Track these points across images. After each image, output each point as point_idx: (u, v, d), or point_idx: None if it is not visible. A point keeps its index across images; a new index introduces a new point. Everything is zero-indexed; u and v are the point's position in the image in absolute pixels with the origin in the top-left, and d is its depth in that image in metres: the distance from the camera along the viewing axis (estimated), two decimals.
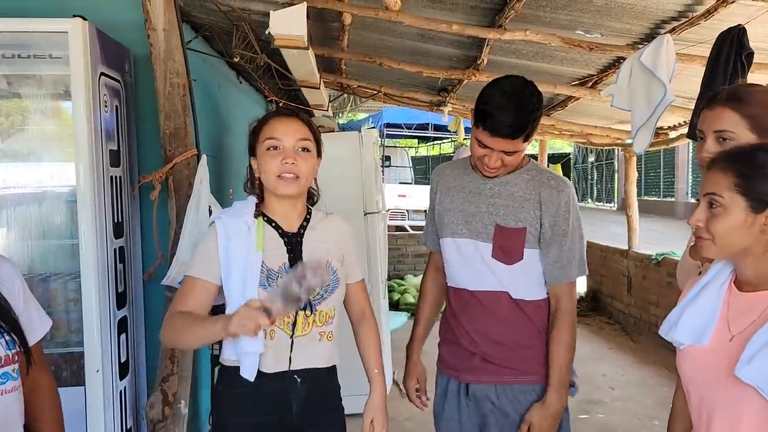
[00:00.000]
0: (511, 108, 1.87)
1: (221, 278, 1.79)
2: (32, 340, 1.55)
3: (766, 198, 1.30)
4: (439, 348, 2.25)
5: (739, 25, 2.63)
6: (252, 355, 1.75)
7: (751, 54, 2.57)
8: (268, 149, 1.79)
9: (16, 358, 1.47)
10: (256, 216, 1.84)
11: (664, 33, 3.25)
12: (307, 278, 1.54)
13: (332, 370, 1.92)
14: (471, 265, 2.09)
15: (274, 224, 1.86)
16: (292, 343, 1.79)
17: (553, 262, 2.06)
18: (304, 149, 1.81)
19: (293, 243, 1.85)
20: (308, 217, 1.91)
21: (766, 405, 1.26)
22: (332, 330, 1.86)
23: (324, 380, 1.88)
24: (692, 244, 1.81)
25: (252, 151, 1.87)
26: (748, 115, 1.58)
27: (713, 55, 2.65)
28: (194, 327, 1.71)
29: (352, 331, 2.03)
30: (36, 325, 1.59)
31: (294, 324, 1.79)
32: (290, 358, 1.79)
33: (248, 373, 1.76)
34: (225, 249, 1.79)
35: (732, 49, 2.55)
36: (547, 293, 2.11)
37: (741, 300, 1.38)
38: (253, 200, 1.89)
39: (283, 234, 1.85)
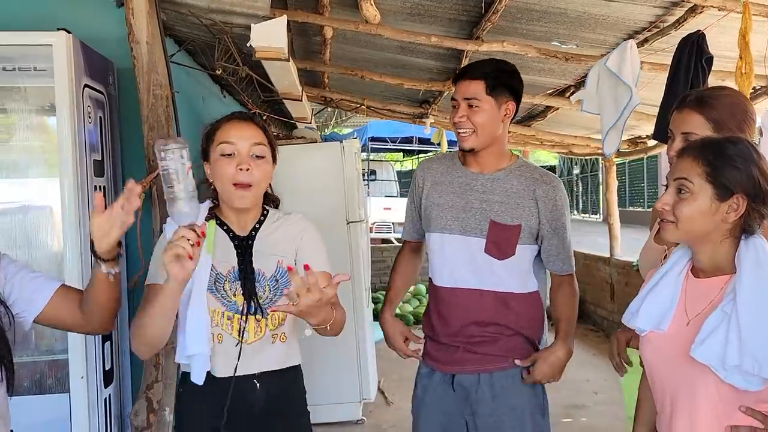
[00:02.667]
0: (475, 63, 2.16)
1: None
2: (36, 309, 1.53)
3: (732, 187, 1.36)
4: (424, 341, 2.29)
5: (699, 30, 2.73)
6: (199, 358, 1.70)
7: (710, 58, 2.66)
8: (223, 155, 1.72)
9: None
10: (207, 219, 1.77)
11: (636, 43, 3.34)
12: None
13: (290, 371, 1.85)
14: (457, 261, 2.13)
15: (225, 227, 1.80)
16: (241, 349, 1.73)
17: (557, 255, 2.15)
18: (259, 156, 1.74)
19: (243, 246, 1.79)
20: (262, 219, 1.84)
21: (720, 383, 1.33)
22: (285, 331, 1.80)
23: (282, 382, 1.82)
24: (657, 229, 1.89)
25: (205, 156, 1.79)
26: (712, 119, 1.67)
27: (675, 61, 2.74)
28: (148, 307, 1.59)
29: None
30: (37, 293, 1.54)
31: (242, 331, 1.73)
32: (236, 366, 1.72)
33: (197, 377, 1.71)
34: None
35: (692, 54, 2.65)
36: (539, 284, 2.20)
37: (697, 286, 1.45)
38: (207, 205, 1.81)
39: (234, 237, 1.79)
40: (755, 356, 1.28)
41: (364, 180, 6.14)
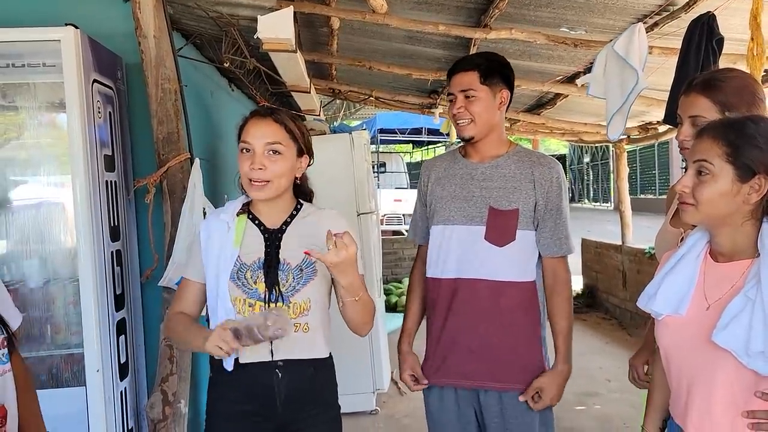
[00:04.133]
0: (466, 56, 2.24)
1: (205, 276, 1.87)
2: (12, 327, 1.62)
3: (753, 167, 1.33)
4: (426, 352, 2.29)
5: (709, 12, 2.70)
6: None
7: (720, 39, 2.63)
8: (242, 151, 1.83)
9: (5, 342, 1.54)
10: (239, 213, 1.88)
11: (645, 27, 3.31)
12: (268, 327, 1.64)
13: (318, 363, 1.86)
14: (457, 250, 2.14)
15: (257, 221, 1.88)
16: None
17: (550, 236, 2.14)
18: (275, 152, 1.80)
19: (272, 238, 1.85)
20: (294, 213, 1.90)
21: (740, 369, 1.31)
22: (308, 321, 1.82)
23: (308, 372, 1.84)
24: (673, 213, 1.87)
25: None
26: (719, 101, 1.65)
27: (685, 43, 2.71)
28: (184, 334, 1.84)
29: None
30: (12, 314, 1.66)
31: None
32: (271, 350, 1.79)
33: (227, 363, 1.81)
34: (206, 248, 1.86)
35: (702, 36, 2.61)
36: (538, 272, 2.18)
37: (716, 270, 1.42)
38: (242, 199, 1.92)
39: (264, 230, 1.87)
40: None
41: (374, 172, 6.14)
